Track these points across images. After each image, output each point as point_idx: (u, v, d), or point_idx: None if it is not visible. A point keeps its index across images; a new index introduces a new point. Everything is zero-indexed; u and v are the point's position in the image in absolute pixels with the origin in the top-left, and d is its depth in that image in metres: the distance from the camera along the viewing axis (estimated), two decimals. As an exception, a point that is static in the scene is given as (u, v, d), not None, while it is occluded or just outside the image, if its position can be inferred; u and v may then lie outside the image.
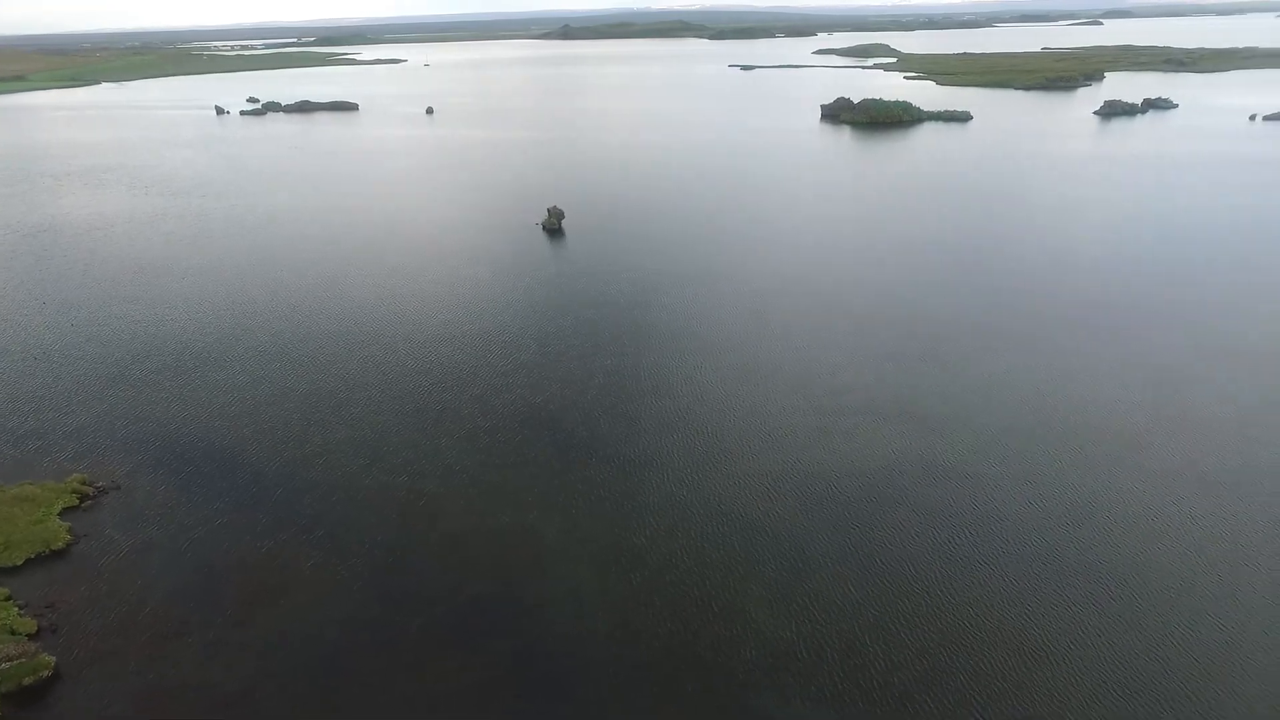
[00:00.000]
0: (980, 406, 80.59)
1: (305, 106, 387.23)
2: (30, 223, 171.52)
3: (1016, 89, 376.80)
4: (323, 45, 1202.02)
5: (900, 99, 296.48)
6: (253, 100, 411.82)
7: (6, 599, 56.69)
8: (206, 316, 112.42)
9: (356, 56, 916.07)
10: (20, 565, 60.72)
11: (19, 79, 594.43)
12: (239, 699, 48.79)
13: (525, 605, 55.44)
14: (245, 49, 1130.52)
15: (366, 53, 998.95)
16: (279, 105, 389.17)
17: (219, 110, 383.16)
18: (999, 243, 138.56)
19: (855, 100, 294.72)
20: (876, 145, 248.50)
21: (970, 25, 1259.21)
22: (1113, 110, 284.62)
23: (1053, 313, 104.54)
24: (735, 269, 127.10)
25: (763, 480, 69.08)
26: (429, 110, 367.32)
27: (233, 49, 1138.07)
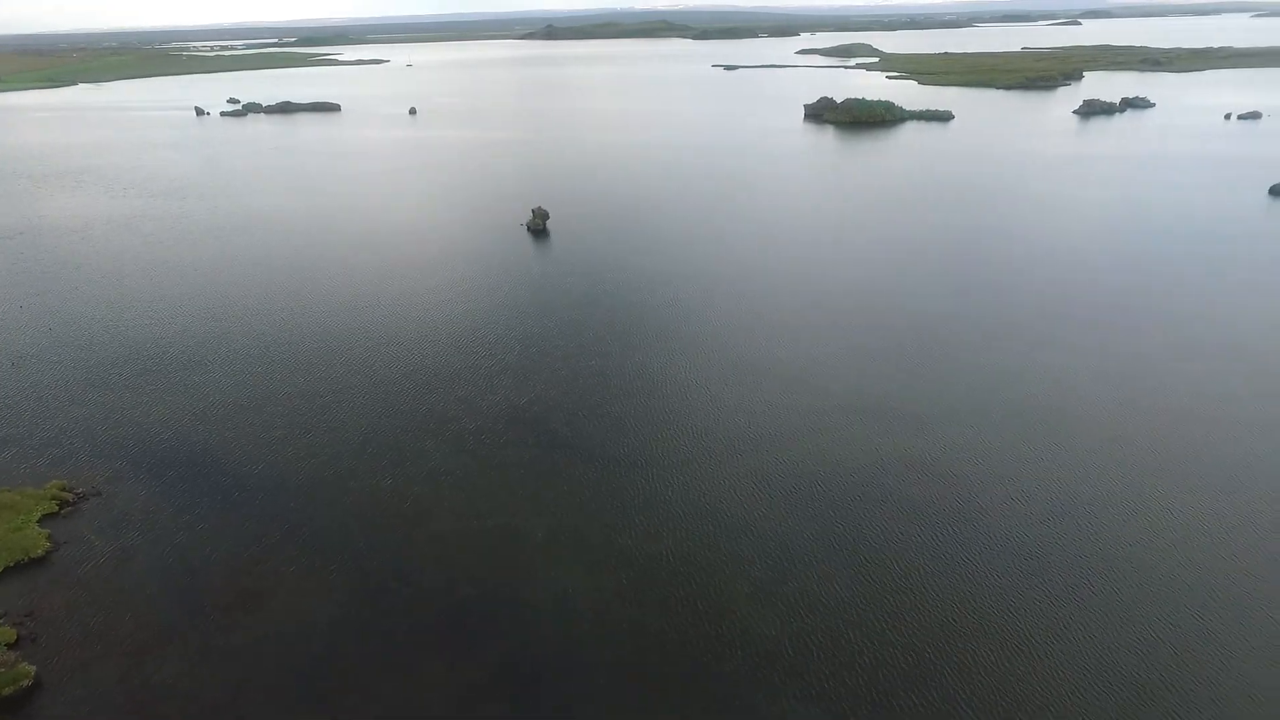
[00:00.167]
0: (963, 403, 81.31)
1: (287, 107, 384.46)
2: (6, 225, 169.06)
3: (997, 88, 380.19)
4: (304, 46, 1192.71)
5: (883, 98, 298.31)
6: (233, 101, 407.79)
7: (-15, 608, 55.89)
8: (187, 319, 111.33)
9: (338, 57, 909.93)
10: (-1, 573, 59.88)
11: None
12: (223, 706, 48.38)
13: (513, 606, 55.34)
14: (225, 49, 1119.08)
15: (348, 53, 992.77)
16: (260, 106, 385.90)
17: (199, 111, 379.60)
18: (980, 241, 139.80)
19: (838, 100, 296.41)
20: (859, 144, 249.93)
21: (952, 25, 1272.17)
22: (1092, 109, 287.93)
23: (1034, 309, 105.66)
24: (720, 268, 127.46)
25: (749, 479, 69.34)
26: (412, 111, 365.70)
27: (212, 49, 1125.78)
